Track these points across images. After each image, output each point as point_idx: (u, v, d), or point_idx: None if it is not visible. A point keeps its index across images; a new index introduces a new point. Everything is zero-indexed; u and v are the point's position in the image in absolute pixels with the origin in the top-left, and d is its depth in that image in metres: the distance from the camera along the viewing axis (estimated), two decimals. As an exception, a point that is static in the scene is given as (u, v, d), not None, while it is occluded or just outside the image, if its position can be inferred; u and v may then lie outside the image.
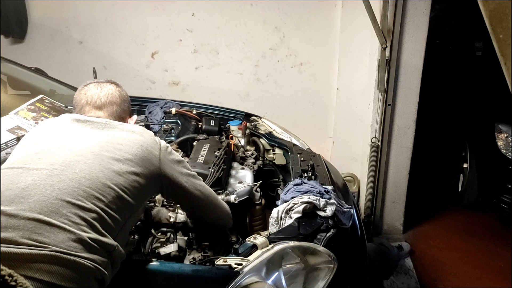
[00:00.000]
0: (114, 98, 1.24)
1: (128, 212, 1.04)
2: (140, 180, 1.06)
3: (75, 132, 1.09)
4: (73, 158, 0.99)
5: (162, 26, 3.00)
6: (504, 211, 2.65)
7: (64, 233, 0.85)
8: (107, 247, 0.92)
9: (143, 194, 1.11)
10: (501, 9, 0.65)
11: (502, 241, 2.73)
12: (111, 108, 1.22)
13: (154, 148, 1.14)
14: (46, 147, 1.04)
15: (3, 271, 0.69)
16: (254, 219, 1.65)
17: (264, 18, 2.97)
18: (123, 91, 1.30)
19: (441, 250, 2.67)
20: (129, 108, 1.32)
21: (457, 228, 2.92)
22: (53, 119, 1.19)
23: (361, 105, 2.77)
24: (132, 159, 1.06)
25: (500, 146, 2.64)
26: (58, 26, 3.04)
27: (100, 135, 1.09)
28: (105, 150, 1.04)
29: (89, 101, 1.21)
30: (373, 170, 2.61)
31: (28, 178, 0.93)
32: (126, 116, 1.30)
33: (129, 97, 1.33)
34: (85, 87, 1.24)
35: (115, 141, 1.08)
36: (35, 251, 0.81)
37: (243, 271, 1.12)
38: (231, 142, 1.95)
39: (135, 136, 1.12)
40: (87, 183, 0.95)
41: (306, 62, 3.08)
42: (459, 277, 2.41)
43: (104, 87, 1.24)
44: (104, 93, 1.23)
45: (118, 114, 1.24)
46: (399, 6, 2.28)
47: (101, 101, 1.21)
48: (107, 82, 1.27)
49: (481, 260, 2.56)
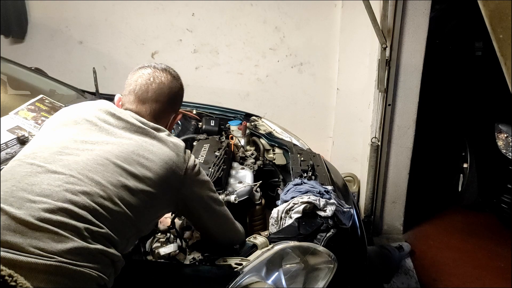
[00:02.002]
0: (162, 95, 1.16)
1: (135, 229, 1.01)
2: (153, 202, 1.02)
3: (105, 130, 1.03)
4: (93, 167, 0.95)
5: (162, 26, 3.00)
6: (504, 211, 2.65)
7: (71, 243, 0.84)
8: (112, 257, 0.92)
9: (154, 214, 1.08)
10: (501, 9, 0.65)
11: (502, 241, 2.73)
12: (154, 105, 1.15)
13: (180, 167, 1.07)
14: (72, 142, 0.99)
15: (3, 271, 0.69)
16: (254, 219, 1.65)
17: (264, 18, 2.97)
18: (177, 85, 1.22)
19: (441, 250, 2.67)
20: (175, 107, 1.23)
21: (457, 228, 2.92)
22: (87, 104, 1.13)
23: (361, 105, 2.77)
24: (152, 178, 1.00)
25: (500, 146, 2.64)
26: (58, 26, 3.04)
27: (129, 141, 1.03)
28: (128, 162, 0.99)
29: (136, 90, 1.14)
30: (373, 170, 2.61)
31: (44, 181, 0.90)
32: (169, 114, 1.22)
33: (182, 93, 1.25)
34: (141, 71, 1.17)
35: (141, 153, 1.01)
36: (41, 261, 0.80)
37: (243, 271, 1.12)
38: (231, 142, 1.95)
39: (164, 150, 1.06)
40: (98, 200, 0.91)
41: (306, 62, 3.08)
42: (459, 277, 2.41)
43: (157, 79, 1.16)
44: (154, 87, 1.15)
45: (159, 112, 1.16)
46: (399, 6, 2.28)
47: (147, 95, 1.14)
48: (165, 72, 1.19)
49: (481, 260, 2.56)
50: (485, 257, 2.58)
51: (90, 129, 1.03)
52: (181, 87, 1.25)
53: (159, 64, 1.22)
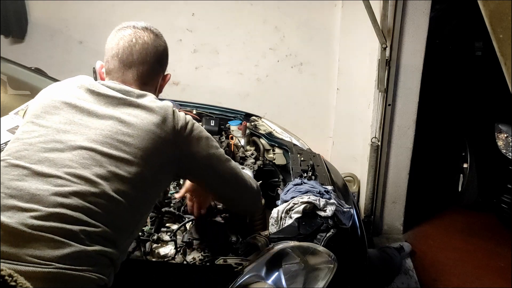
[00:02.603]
0: (148, 55, 1.09)
1: (139, 215, 0.98)
2: (152, 180, 0.98)
3: (86, 111, 0.98)
4: (80, 163, 0.90)
5: (162, 26, 2.96)
6: (504, 211, 2.65)
7: (68, 248, 0.82)
8: (111, 256, 0.90)
9: (156, 191, 1.03)
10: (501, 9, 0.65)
11: (502, 241, 2.73)
12: (141, 68, 1.09)
13: (169, 131, 1.00)
14: (54, 134, 0.94)
15: (3, 271, 0.69)
16: (254, 219, 1.64)
17: (264, 18, 2.97)
18: (162, 44, 1.14)
19: (441, 250, 2.67)
20: (163, 67, 1.16)
21: (457, 228, 2.92)
22: (66, 83, 1.07)
23: (361, 105, 2.77)
24: (142, 156, 0.95)
25: (500, 146, 2.64)
26: (58, 26, 3.03)
27: (110, 121, 0.97)
28: (114, 147, 0.93)
29: (120, 55, 1.07)
30: (373, 170, 2.61)
31: (32, 186, 0.86)
32: (158, 76, 1.16)
33: (167, 51, 1.17)
34: (121, 32, 1.10)
35: (125, 131, 0.95)
36: (39, 269, 0.79)
37: (243, 271, 1.12)
38: (231, 142, 1.95)
39: (149, 119, 0.99)
40: (91, 199, 0.88)
41: (306, 62, 3.08)
42: (459, 277, 2.40)
43: (140, 39, 1.08)
44: (137, 48, 1.08)
45: (147, 74, 1.10)
46: (399, 6, 2.28)
47: (132, 58, 1.07)
48: (146, 31, 1.11)
49: (481, 260, 2.56)
50: (485, 257, 2.58)
51: (70, 112, 0.98)
52: (166, 45, 1.17)
53: (138, 22, 1.13)
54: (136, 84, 1.09)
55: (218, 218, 1.42)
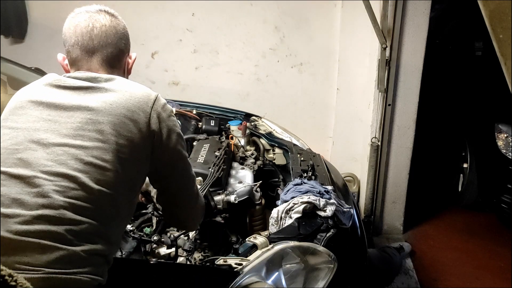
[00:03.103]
0: (109, 37, 1.05)
1: (122, 208, 0.95)
2: (130, 164, 0.95)
3: (53, 106, 0.95)
4: (55, 159, 0.88)
5: (162, 26, 3.00)
6: (504, 211, 2.65)
7: (57, 252, 0.80)
8: (103, 253, 0.88)
9: (137, 179, 1.00)
10: (501, 9, 0.65)
11: (502, 241, 2.73)
12: (105, 51, 1.05)
13: (144, 105, 0.99)
14: (25, 133, 0.92)
15: (3, 271, 0.69)
16: (254, 219, 1.65)
17: (264, 18, 2.97)
18: (120, 23, 1.10)
19: (441, 250, 2.67)
20: (126, 46, 1.12)
21: (457, 228, 2.92)
22: (33, 83, 1.03)
23: (361, 105, 2.77)
24: (117, 142, 0.93)
25: (500, 146, 2.64)
26: (58, 26, 3.00)
27: (78, 111, 0.94)
28: (88, 138, 0.91)
29: (79, 42, 1.03)
30: (373, 170, 2.61)
31: (12, 190, 0.84)
32: (123, 56, 1.12)
33: (126, 29, 1.13)
34: (75, 19, 1.06)
35: (95, 119, 0.93)
36: (29, 275, 0.77)
37: (243, 271, 1.12)
38: (231, 142, 1.95)
39: (120, 102, 0.96)
40: (72, 193, 0.85)
41: (306, 62, 3.08)
42: (459, 277, 2.40)
43: (97, 22, 1.04)
44: (96, 32, 1.03)
45: (112, 57, 1.06)
46: (399, 6, 2.28)
47: (93, 43, 1.03)
48: (102, 13, 1.07)
49: (481, 260, 2.56)
50: (485, 257, 2.58)
51: (37, 109, 0.95)
52: (124, 24, 1.13)
53: (91, 6, 1.09)
54: (103, 69, 1.06)
55: (218, 218, 1.42)
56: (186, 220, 1.17)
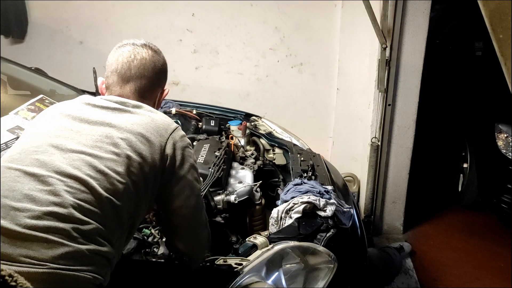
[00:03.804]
0: (145, 70, 1.13)
1: (129, 219, 0.98)
2: (141, 180, 0.98)
3: (78, 119, 1.02)
4: (70, 163, 0.92)
5: (162, 26, 3.00)
6: (504, 211, 2.65)
7: (62, 248, 0.82)
8: (106, 255, 0.90)
9: (146, 195, 1.01)
10: (501, 9, 0.65)
11: (502, 241, 2.73)
12: (139, 82, 1.13)
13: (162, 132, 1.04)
14: (46, 138, 0.97)
15: (3, 271, 0.69)
16: (254, 219, 1.65)
17: (264, 18, 2.97)
18: (160, 60, 1.18)
19: (441, 250, 2.67)
20: (160, 82, 1.20)
21: (457, 228, 2.92)
22: (61, 103, 1.11)
23: (361, 105, 2.77)
24: (131, 157, 0.97)
25: (500, 146, 2.64)
26: (58, 26, 3.03)
27: (103, 126, 1.00)
28: (104, 150, 0.96)
29: (119, 70, 1.12)
30: (373, 170, 2.61)
31: (25, 187, 0.87)
32: (156, 90, 1.19)
33: (166, 67, 1.21)
34: (120, 49, 1.15)
35: (115, 134, 0.99)
36: (33, 269, 0.79)
37: (243, 271, 1.12)
38: (231, 142, 1.95)
39: (141, 124, 1.03)
40: (81, 196, 0.88)
41: (306, 62, 3.08)
42: (459, 277, 2.40)
43: (138, 55, 1.14)
44: (136, 64, 1.13)
45: (145, 88, 1.14)
46: (399, 6, 2.28)
47: (130, 73, 1.12)
48: (145, 47, 1.17)
49: (481, 260, 2.56)
50: (485, 257, 2.58)
51: (64, 120, 1.02)
52: (164, 60, 1.21)
53: (138, 40, 1.19)
54: (134, 98, 1.12)
55: (218, 218, 1.42)
56: (188, 253, 1.14)
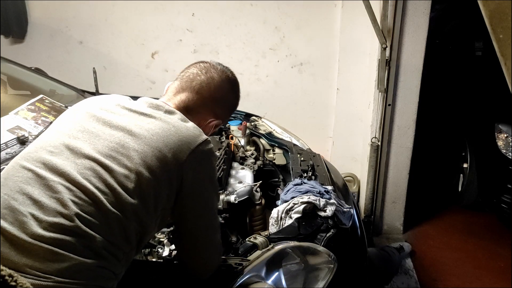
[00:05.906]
0: (205, 89, 1.06)
1: (137, 235, 0.93)
2: (151, 196, 0.93)
3: (102, 120, 0.97)
4: (81, 172, 0.89)
5: (162, 26, 3.00)
6: (504, 211, 2.65)
7: (68, 261, 0.80)
8: (112, 269, 0.88)
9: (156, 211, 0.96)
10: (501, 9, 0.65)
11: (502, 241, 2.73)
12: (191, 95, 1.05)
13: (187, 144, 0.96)
14: (65, 137, 0.94)
15: (3, 271, 0.69)
16: (254, 219, 1.65)
17: (264, 18, 2.97)
18: (229, 89, 1.11)
19: (441, 250, 2.67)
20: (215, 110, 1.10)
21: (457, 228, 2.92)
22: (95, 97, 1.06)
23: (361, 105, 2.77)
24: (142, 173, 0.91)
25: (500, 146, 2.64)
26: (58, 26, 3.04)
27: (122, 132, 0.95)
28: (117, 162, 0.91)
29: (184, 77, 1.07)
30: (373, 170, 2.61)
31: (35, 191, 0.85)
32: (206, 115, 1.09)
33: (233, 101, 1.13)
34: (199, 63, 1.11)
35: (131, 145, 0.93)
36: (38, 281, 0.77)
37: (243, 271, 1.12)
38: (231, 142, 1.95)
39: (162, 135, 0.95)
40: (89, 209, 0.86)
41: (306, 62, 3.08)
42: (459, 277, 2.40)
43: (209, 73, 1.08)
44: (201, 79, 1.07)
45: (194, 104, 1.06)
46: (399, 6, 2.28)
47: (190, 84, 1.06)
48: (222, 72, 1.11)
49: (481, 260, 2.56)
50: (485, 257, 2.58)
51: (87, 120, 0.98)
52: (235, 94, 1.13)
53: (222, 64, 1.14)
54: (179, 108, 1.05)
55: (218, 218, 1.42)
56: (192, 270, 1.09)
